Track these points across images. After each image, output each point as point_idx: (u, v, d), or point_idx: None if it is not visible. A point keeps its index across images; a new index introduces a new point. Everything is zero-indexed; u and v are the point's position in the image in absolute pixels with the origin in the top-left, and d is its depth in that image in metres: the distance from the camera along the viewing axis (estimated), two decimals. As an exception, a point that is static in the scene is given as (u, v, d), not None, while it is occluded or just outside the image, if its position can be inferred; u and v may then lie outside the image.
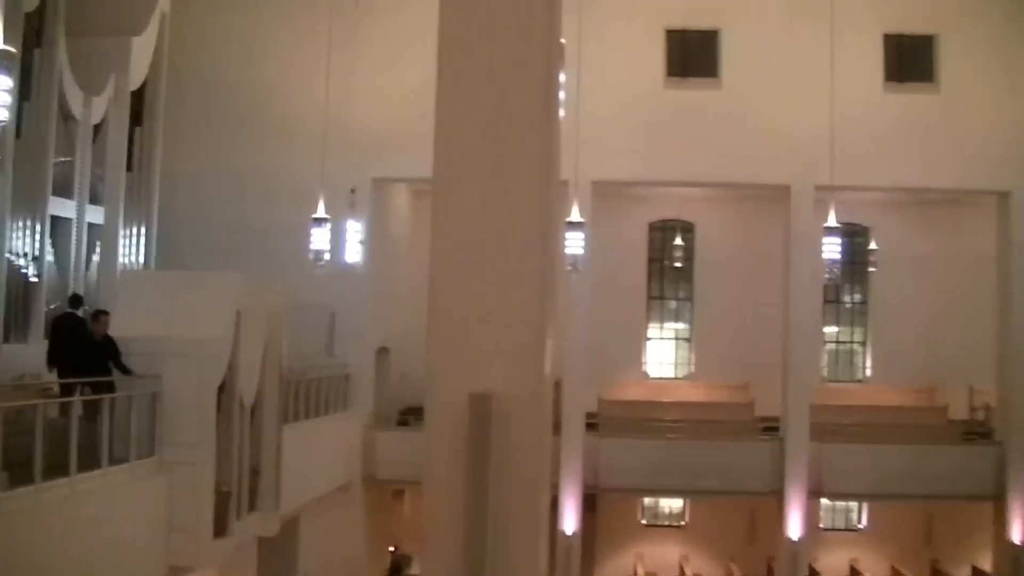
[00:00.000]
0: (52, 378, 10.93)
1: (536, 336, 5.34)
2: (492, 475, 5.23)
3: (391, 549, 22.08)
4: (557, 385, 19.12)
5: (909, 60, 20.92)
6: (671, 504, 24.45)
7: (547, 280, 5.43)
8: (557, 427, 19.36)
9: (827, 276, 19.92)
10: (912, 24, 20.81)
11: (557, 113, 5.78)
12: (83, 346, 10.92)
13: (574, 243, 16.62)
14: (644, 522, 24.44)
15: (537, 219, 5.39)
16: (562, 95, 8.33)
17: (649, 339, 25.18)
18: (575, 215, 16.63)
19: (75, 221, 15.04)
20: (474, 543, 5.20)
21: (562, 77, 8.42)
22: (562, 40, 8.04)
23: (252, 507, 12.49)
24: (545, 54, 5.48)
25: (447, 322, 5.37)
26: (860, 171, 19.54)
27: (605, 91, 19.12)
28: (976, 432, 22.01)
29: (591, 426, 20.64)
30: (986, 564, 21.46)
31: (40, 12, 13.81)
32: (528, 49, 5.42)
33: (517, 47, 5.40)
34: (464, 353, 5.35)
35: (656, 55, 20.66)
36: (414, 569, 20.72)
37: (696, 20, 20.81)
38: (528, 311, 5.33)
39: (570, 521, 19.67)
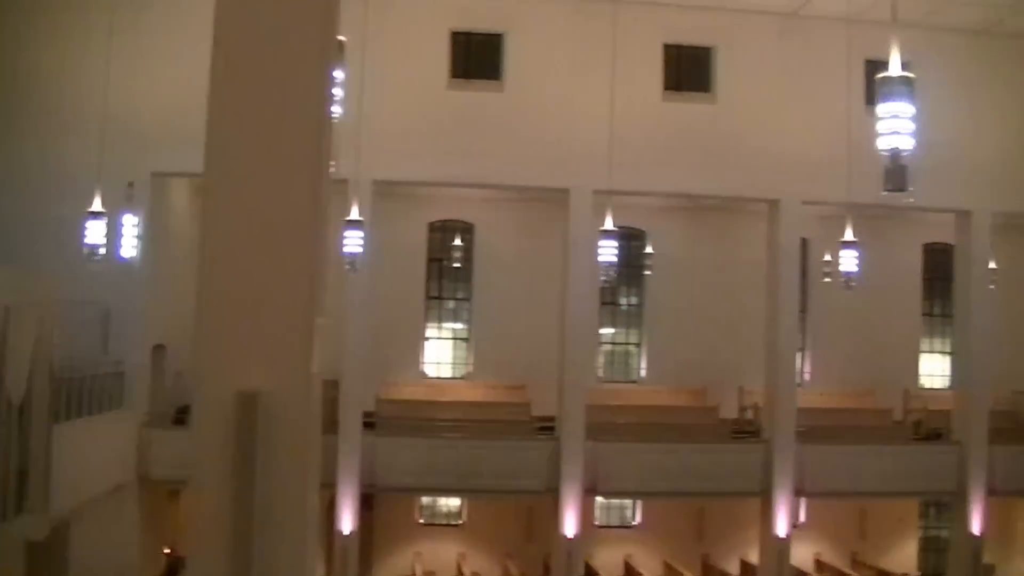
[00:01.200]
0: None
1: (304, 334, 5.54)
2: (259, 475, 5.39)
3: (166, 551, 22.65)
4: (335, 384, 20.49)
5: (687, 70, 23.14)
6: (449, 503, 26.10)
7: (317, 278, 5.63)
8: (334, 426, 20.70)
9: (603, 279, 22.09)
10: (691, 36, 23.06)
11: (330, 110, 6.02)
12: None
13: (353, 242, 17.68)
14: (422, 521, 25.99)
15: (307, 216, 5.60)
16: (340, 93, 9.25)
17: (427, 339, 26.78)
18: (355, 214, 17.67)
19: None
20: (240, 544, 5.35)
21: (340, 74, 9.22)
22: (342, 37, 8.77)
23: (20, 509, 12.95)
24: (320, 50, 5.69)
25: (215, 319, 5.51)
26: (638, 176, 21.64)
27: (389, 91, 20.51)
28: (745, 431, 24.54)
29: (369, 425, 21.86)
30: (754, 557, 24.04)
31: None
32: (302, 45, 5.63)
33: (291, 42, 5.61)
34: (232, 351, 5.48)
35: (440, 56, 22.12)
36: (189, 571, 21.40)
37: (481, 23, 22.39)
38: (297, 309, 5.51)
39: (347, 521, 20.85)
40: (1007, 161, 23.45)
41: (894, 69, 9.71)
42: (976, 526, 23.39)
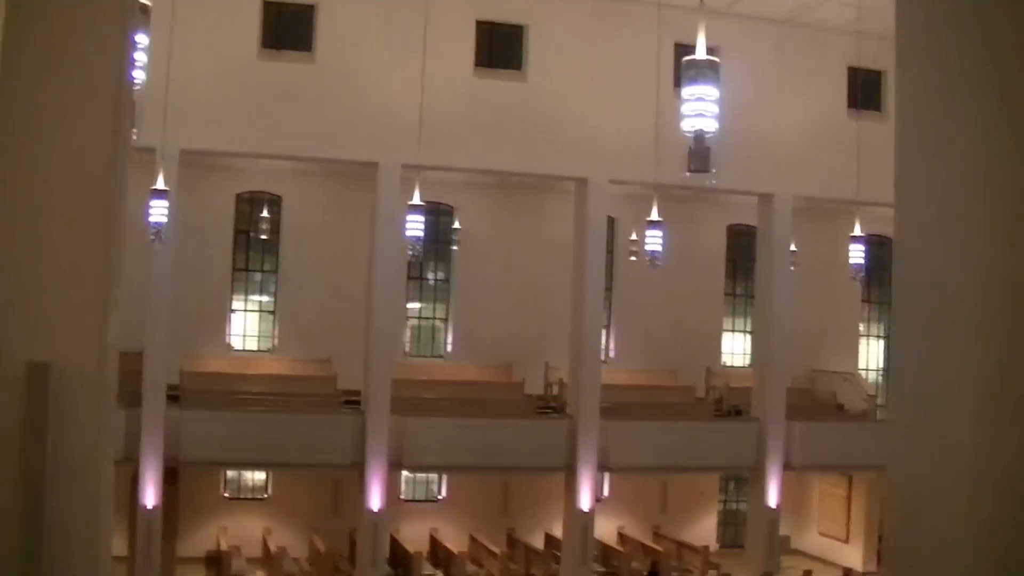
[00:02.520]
0: None
1: (100, 305, 5.63)
2: (50, 447, 5.44)
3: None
4: (138, 356, 21.82)
5: (500, 48, 25.01)
6: (254, 477, 27.64)
7: (113, 248, 5.72)
8: (137, 399, 21.91)
9: (410, 253, 24.03)
10: (504, 13, 24.89)
11: (131, 76, 6.09)
12: None
13: (158, 212, 18.37)
14: (227, 495, 27.49)
15: (103, 184, 5.64)
16: (143, 58, 9.89)
17: (234, 311, 28.26)
18: (160, 183, 18.41)
19: None
20: (31, 519, 5.41)
21: (144, 40, 9.75)
22: (147, 2, 9.42)
23: None
24: (119, 13, 5.77)
25: (4, 289, 5.50)
26: (447, 152, 23.29)
27: (199, 60, 21.75)
28: (550, 407, 26.84)
29: (173, 398, 23.13)
30: (558, 531, 26.21)
31: None
32: (100, 6, 5.68)
33: (89, 4, 5.68)
34: (22, 321, 5.49)
35: (252, 26, 23.32)
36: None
37: (294, -7, 23.60)
38: (91, 279, 5.58)
39: (150, 495, 22.10)
40: (809, 146, 26.04)
41: (700, 53, 10.76)
42: (772, 499, 26.13)
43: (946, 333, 7.85)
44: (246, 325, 28.57)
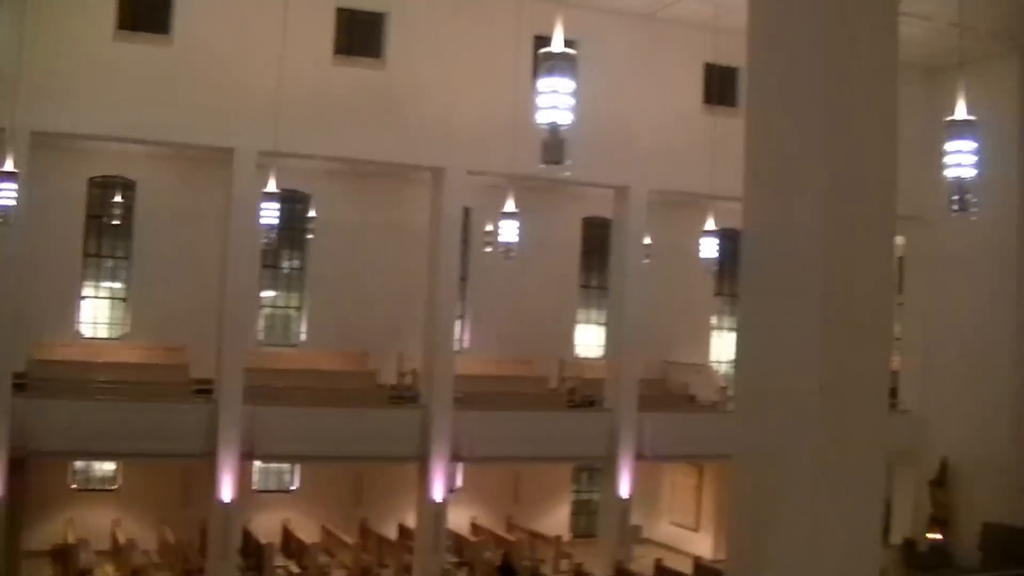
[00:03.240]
0: None
1: None
2: None
3: None
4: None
5: (359, 35, 25.60)
6: (103, 467, 28.06)
7: None
8: (-19, 388, 21.97)
9: (265, 241, 24.83)
10: (364, 0, 25.54)
11: None
12: None
13: (6, 195, 18.97)
14: (75, 487, 27.93)
15: None
16: None
17: (84, 298, 28.66)
18: (9, 165, 19.01)
19: None
20: None
21: None
22: None
23: None
24: None
25: None
26: (304, 139, 24.00)
27: (53, 41, 21.96)
28: (403, 396, 27.67)
29: (20, 387, 23.21)
30: (411, 521, 27.23)
31: None
32: None
33: None
34: None
35: (108, 7, 23.21)
36: None
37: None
38: None
39: (-5, 487, 22.09)
40: (665, 140, 27.36)
41: (556, 46, 11.44)
42: (624, 489, 27.54)
43: (790, 324, 9.08)
44: (97, 312, 28.97)
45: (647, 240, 28.77)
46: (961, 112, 14.93)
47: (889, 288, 9.70)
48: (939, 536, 30.10)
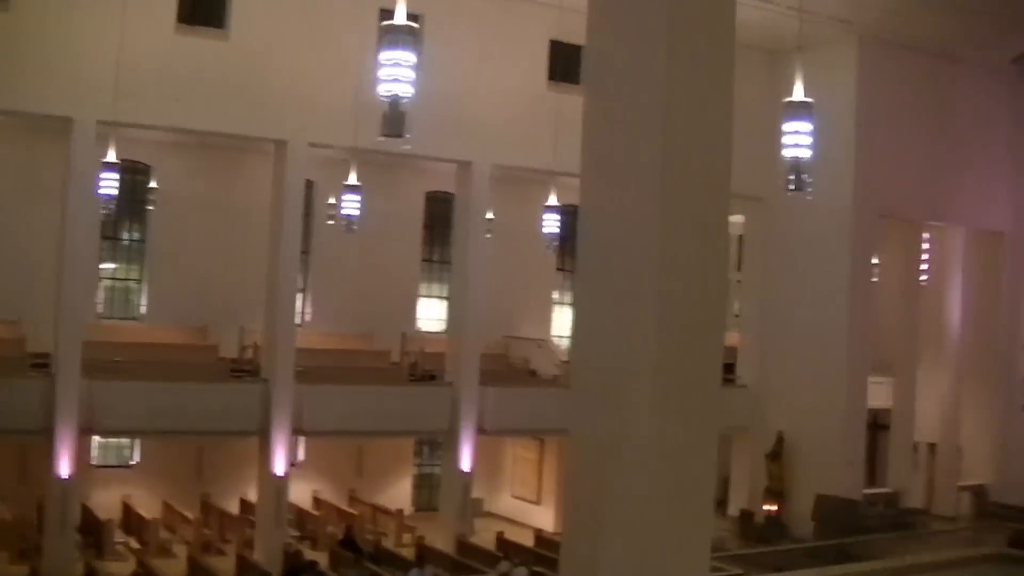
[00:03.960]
0: None
1: None
2: None
3: None
4: None
5: (203, 4, 25.97)
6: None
7: None
8: None
9: (104, 212, 25.25)
10: None
11: None
12: None
13: None
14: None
15: None
16: None
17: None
18: None
19: None
20: None
21: None
22: None
23: None
24: None
25: None
26: (144, 109, 24.41)
27: None
28: (244, 370, 28.41)
29: None
30: (253, 496, 27.91)
31: None
32: None
33: None
34: None
35: None
36: None
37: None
38: None
39: None
40: (509, 116, 28.49)
41: (399, 19, 11.82)
42: (466, 463, 28.77)
43: (624, 301, 9.44)
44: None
45: (490, 215, 29.84)
46: (799, 94, 15.61)
47: (723, 266, 10.13)
48: (775, 508, 32.20)
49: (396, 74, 12.01)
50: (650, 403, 9.12)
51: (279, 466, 26.44)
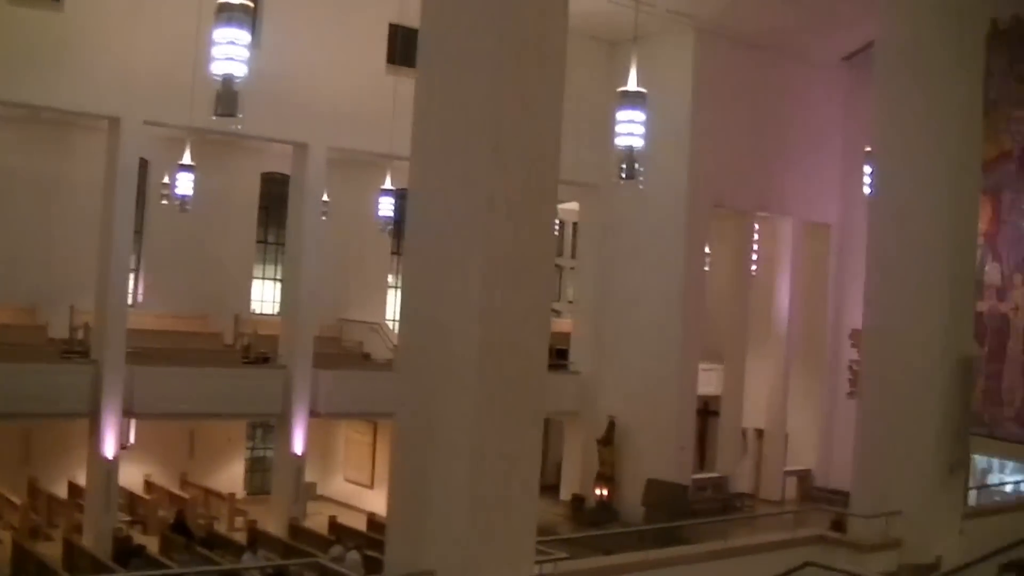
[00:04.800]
0: None
1: None
2: None
3: None
4: None
5: None
6: None
7: None
8: None
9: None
10: None
11: None
12: None
13: None
14: None
15: None
16: None
17: None
18: None
19: None
20: None
21: None
22: None
23: None
24: None
25: None
26: None
27: None
28: (74, 351, 28.77)
29: None
30: (82, 479, 28.11)
31: None
32: None
33: None
34: None
35: None
36: None
37: None
38: None
39: None
40: (347, 99, 29.24)
41: None
42: (299, 446, 29.62)
43: (451, 285, 10.15)
44: None
45: (325, 197, 30.60)
46: (633, 84, 15.83)
47: (550, 253, 10.87)
48: (606, 492, 33.88)
49: (230, 53, 12.14)
50: (476, 386, 9.77)
51: (109, 449, 26.64)
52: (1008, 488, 27.45)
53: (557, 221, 34.89)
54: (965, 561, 13.19)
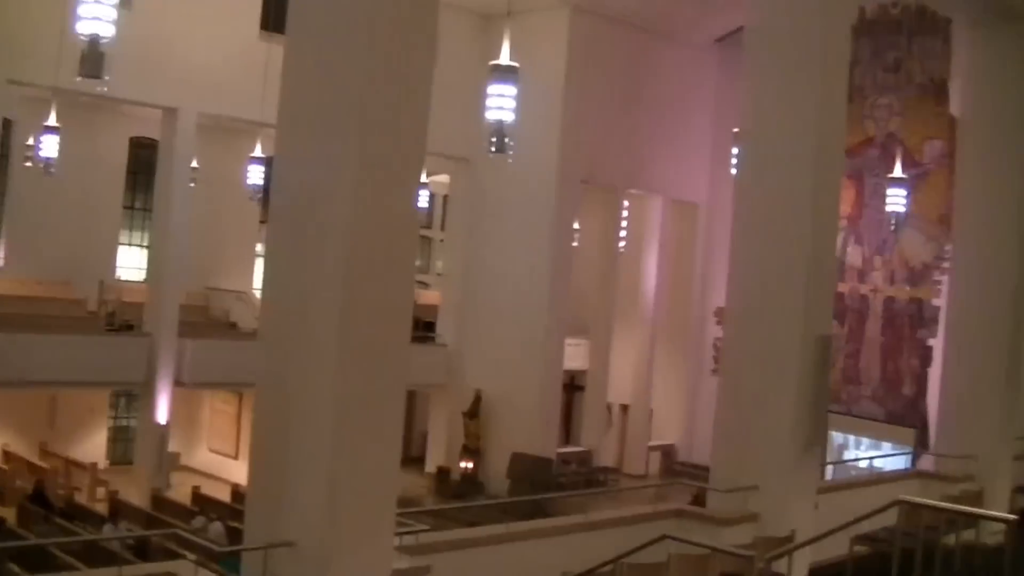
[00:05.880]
0: None
1: None
2: None
3: None
4: None
5: None
6: None
7: None
8: None
9: None
10: None
11: None
12: None
13: None
14: None
15: None
16: None
17: None
18: None
19: None
20: None
21: None
22: None
23: None
24: None
25: None
26: None
27: None
28: None
29: None
30: None
31: None
32: None
33: None
34: None
35: None
36: None
37: None
38: None
39: None
40: (216, 64, 28.99)
41: None
42: (162, 416, 29.42)
43: (314, 255, 9.95)
44: None
45: (195, 164, 30.34)
46: (505, 58, 15.79)
47: (414, 224, 10.79)
48: (471, 465, 34.17)
49: (97, 12, 12.05)
50: (337, 356, 9.65)
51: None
52: (863, 464, 28.31)
53: (428, 193, 35.21)
54: (818, 533, 13.58)
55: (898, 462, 26.27)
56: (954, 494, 17.51)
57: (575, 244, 35.35)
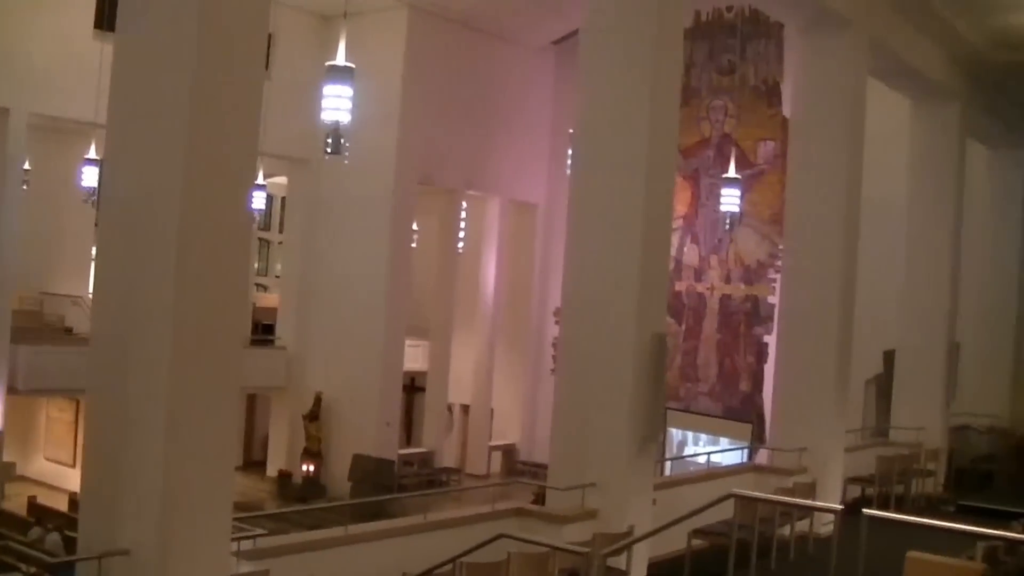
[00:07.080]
0: None
1: None
2: None
3: None
4: None
5: None
6: None
7: None
8: None
9: None
10: None
11: None
12: None
13: None
14: None
15: None
16: None
17: None
18: None
19: None
20: None
21: None
22: None
23: None
24: None
25: None
26: None
27: None
28: None
29: None
30: None
31: None
32: None
33: None
34: None
35: None
36: None
37: None
38: None
39: None
40: (50, 64, 28.31)
41: None
42: None
43: (145, 258, 9.72)
44: None
45: (27, 165, 29.62)
46: (341, 58, 15.90)
47: (247, 224, 10.65)
48: (312, 468, 34.02)
49: None
50: (169, 360, 9.45)
51: None
52: (701, 459, 28.74)
53: (266, 195, 34.89)
54: (655, 527, 13.82)
55: (735, 457, 26.76)
56: (788, 486, 17.94)
57: (414, 245, 35.47)
